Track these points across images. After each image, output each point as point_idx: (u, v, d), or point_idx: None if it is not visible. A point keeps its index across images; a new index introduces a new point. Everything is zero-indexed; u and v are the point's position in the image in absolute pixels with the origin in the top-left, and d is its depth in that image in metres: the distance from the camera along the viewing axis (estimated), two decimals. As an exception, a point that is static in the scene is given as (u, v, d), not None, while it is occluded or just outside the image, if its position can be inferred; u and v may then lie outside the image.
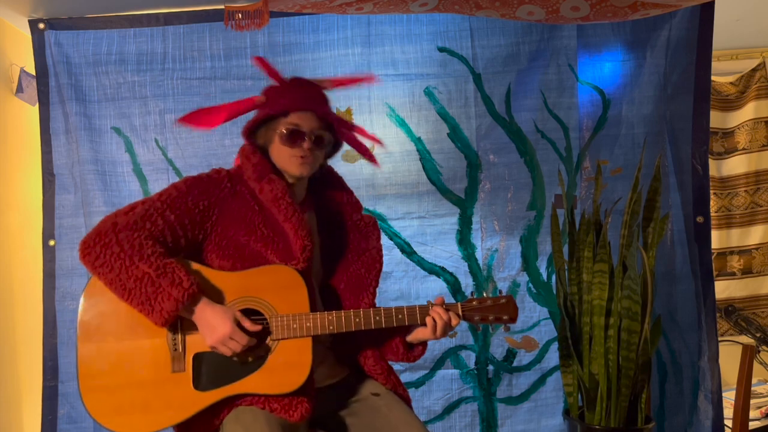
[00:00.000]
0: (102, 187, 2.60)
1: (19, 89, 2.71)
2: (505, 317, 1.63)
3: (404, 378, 1.75)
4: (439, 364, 2.66)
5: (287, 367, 1.48)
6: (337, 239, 1.69)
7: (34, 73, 2.65)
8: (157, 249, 1.45)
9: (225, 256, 1.54)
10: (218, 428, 1.49)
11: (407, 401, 1.67)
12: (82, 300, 1.49)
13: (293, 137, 1.55)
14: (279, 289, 1.51)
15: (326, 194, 1.72)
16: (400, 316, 1.56)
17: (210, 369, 1.48)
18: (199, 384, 1.47)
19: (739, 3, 2.89)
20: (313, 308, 1.53)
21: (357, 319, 1.54)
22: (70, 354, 2.58)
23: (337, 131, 1.64)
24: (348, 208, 1.72)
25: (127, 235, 1.44)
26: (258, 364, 1.49)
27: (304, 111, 1.56)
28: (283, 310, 1.51)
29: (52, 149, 2.62)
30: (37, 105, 2.63)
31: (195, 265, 1.52)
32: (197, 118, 1.67)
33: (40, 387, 2.59)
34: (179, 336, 1.48)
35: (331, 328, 1.52)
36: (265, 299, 1.51)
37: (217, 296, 1.50)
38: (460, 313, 1.61)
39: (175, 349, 1.48)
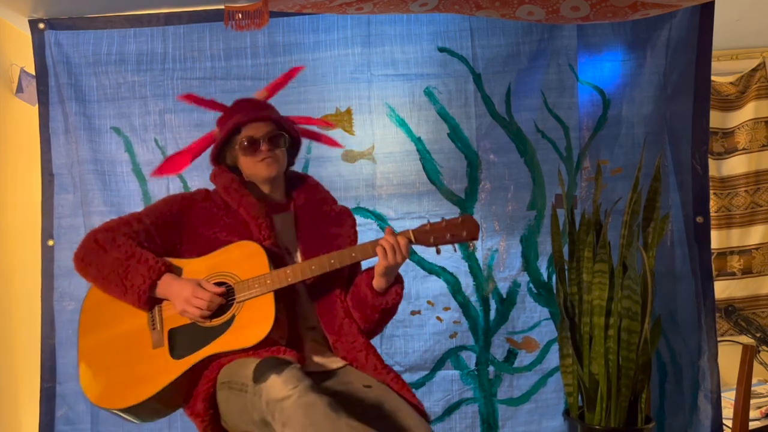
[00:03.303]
0: (101, 187, 2.60)
1: (19, 89, 2.71)
2: (464, 234, 1.66)
3: (404, 379, 1.74)
4: (439, 365, 2.65)
5: (252, 322, 1.59)
6: (315, 232, 1.79)
7: (34, 73, 2.65)
8: (129, 241, 1.63)
9: (199, 254, 1.67)
10: (208, 392, 1.56)
11: (396, 380, 1.68)
12: (83, 303, 1.69)
13: (250, 146, 1.72)
14: (241, 260, 1.64)
15: (303, 195, 1.84)
16: (353, 254, 1.65)
17: (184, 339, 1.61)
18: (174, 353, 1.60)
19: (739, 3, 2.89)
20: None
21: (312, 267, 1.63)
22: (68, 355, 2.57)
23: (291, 129, 1.80)
24: (322, 203, 1.84)
25: (104, 234, 1.65)
26: (227, 327, 1.60)
27: (254, 122, 1.73)
28: (247, 276, 1.62)
29: (52, 149, 2.62)
30: (37, 105, 2.63)
31: (167, 260, 1.66)
32: (167, 166, 1.91)
33: (38, 388, 2.58)
34: (157, 316, 1.63)
35: (289, 280, 1.61)
36: (230, 271, 1.65)
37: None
38: (412, 237, 1.66)
39: (154, 328, 1.63)
